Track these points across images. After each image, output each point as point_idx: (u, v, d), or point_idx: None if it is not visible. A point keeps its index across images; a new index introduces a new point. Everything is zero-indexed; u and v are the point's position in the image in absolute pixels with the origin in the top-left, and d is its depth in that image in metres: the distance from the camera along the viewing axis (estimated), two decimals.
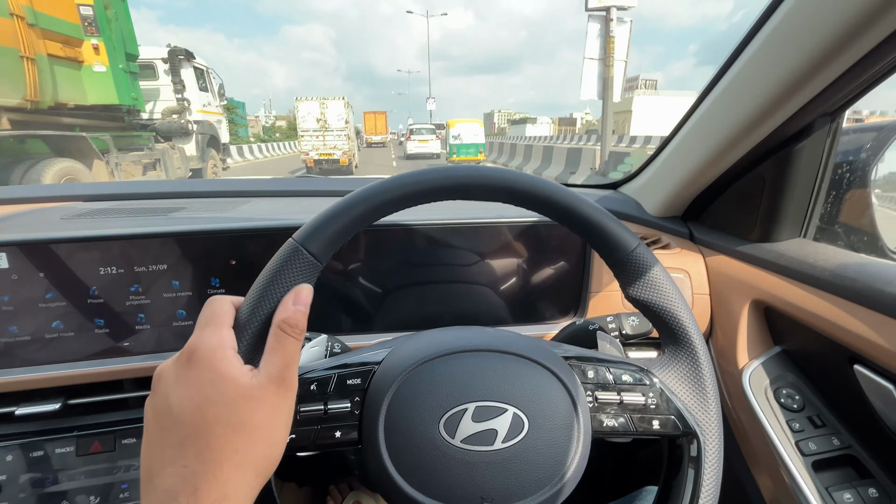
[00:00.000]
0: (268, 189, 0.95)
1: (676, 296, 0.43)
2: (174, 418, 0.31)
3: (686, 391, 0.44)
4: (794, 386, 0.64)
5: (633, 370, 0.44)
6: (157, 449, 0.31)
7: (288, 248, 0.38)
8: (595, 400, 0.43)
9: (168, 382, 0.33)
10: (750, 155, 0.67)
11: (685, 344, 0.44)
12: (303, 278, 0.38)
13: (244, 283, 0.67)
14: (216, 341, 0.34)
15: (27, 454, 0.63)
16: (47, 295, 0.62)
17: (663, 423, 0.42)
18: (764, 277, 0.67)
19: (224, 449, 0.30)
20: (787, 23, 0.54)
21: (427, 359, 0.41)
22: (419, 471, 0.37)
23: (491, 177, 0.41)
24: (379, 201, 0.40)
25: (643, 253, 0.42)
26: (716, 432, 0.43)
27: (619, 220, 0.42)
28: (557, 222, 0.43)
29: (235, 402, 0.31)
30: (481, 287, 0.78)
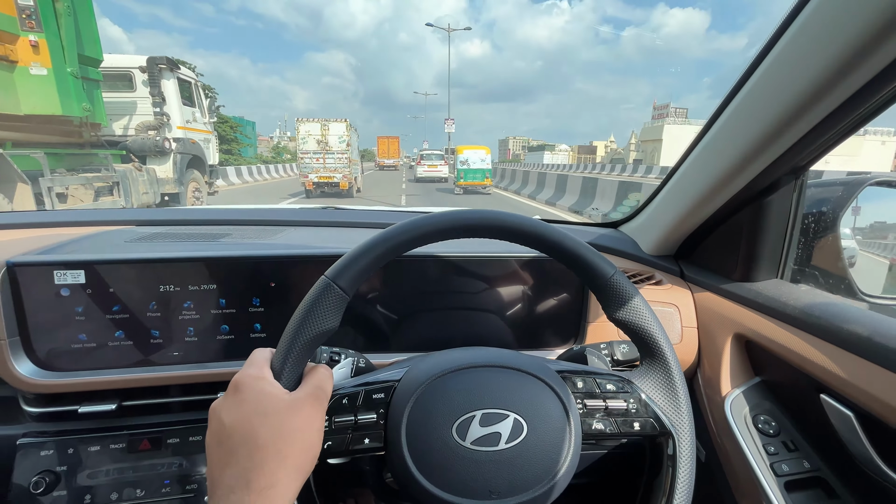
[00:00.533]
0: (301, 219, 1.06)
1: (650, 315, 0.51)
2: (227, 433, 0.39)
3: (661, 397, 0.51)
4: (770, 413, 0.70)
5: (616, 380, 0.52)
6: (216, 460, 0.39)
7: (321, 284, 0.46)
8: (584, 406, 0.51)
9: (220, 410, 0.41)
10: (731, 202, 0.76)
11: (659, 356, 0.52)
12: (333, 311, 0.46)
13: (281, 303, 0.77)
14: (256, 372, 0.43)
15: (85, 448, 0.71)
16: (114, 308, 0.72)
17: (643, 425, 0.50)
18: (744, 314, 0.74)
19: (269, 448, 0.38)
20: (757, 87, 0.62)
21: (440, 374, 0.50)
22: (437, 469, 0.45)
23: (491, 219, 0.50)
24: (398, 241, 0.48)
25: (619, 279, 0.50)
26: (687, 431, 0.50)
27: (598, 252, 0.51)
28: (548, 255, 0.51)
29: (277, 411, 0.39)
30: (489, 314, 0.86)
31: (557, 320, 0.88)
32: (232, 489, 0.36)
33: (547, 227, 0.50)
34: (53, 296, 0.69)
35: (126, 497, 0.70)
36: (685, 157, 0.84)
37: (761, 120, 0.61)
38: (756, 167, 0.67)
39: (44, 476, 0.68)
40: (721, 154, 0.71)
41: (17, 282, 0.68)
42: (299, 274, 0.77)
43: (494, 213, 0.50)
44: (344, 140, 14.97)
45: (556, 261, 0.52)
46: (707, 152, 0.76)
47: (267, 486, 0.36)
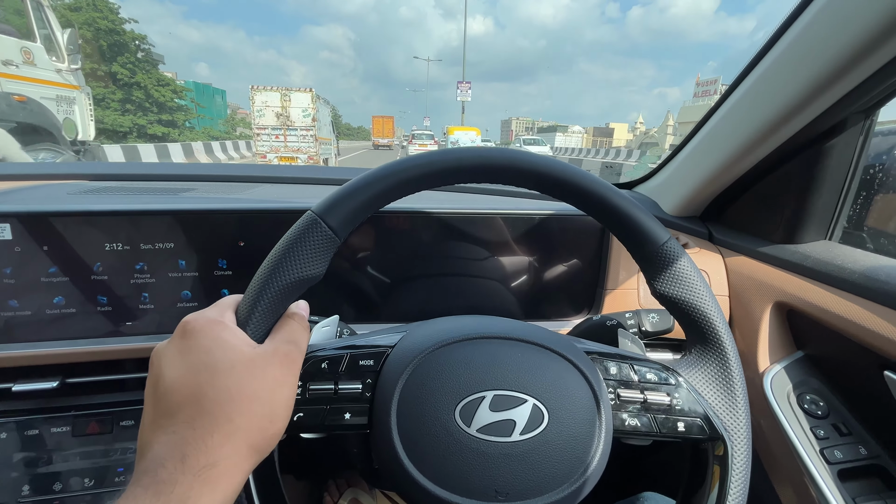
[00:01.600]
0: (278, 175, 0.94)
1: (707, 293, 0.41)
2: (167, 387, 0.30)
3: (714, 393, 0.42)
4: (818, 392, 0.61)
5: (658, 369, 0.43)
6: (149, 420, 0.30)
7: (306, 219, 0.36)
8: (617, 397, 0.41)
9: (162, 357, 0.32)
10: (777, 153, 0.65)
11: (714, 344, 0.42)
12: (319, 253, 0.36)
13: (252, 265, 0.65)
14: (215, 314, 0.34)
15: (22, 432, 0.61)
16: (50, 269, 0.60)
17: (689, 426, 0.40)
18: (788, 279, 0.65)
19: (216, 415, 0.29)
20: (822, 16, 0.52)
21: (443, 343, 0.39)
22: (431, 458, 0.35)
23: (520, 160, 0.39)
24: (403, 178, 0.38)
25: (673, 247, 0.40)
26: (744, 438, 0.41)
27: (650, 213, 0.41)
28: (585, 212, 0.41)
29: (232, 367, 0.30)
30: (492, 280, 0.76)
31: (570, 287, 0.78)
32: (162, 462, 0.27)
33: (592, 178, 0.40)
34: None
35: (72, 487, 0.61)
36: (716, 108, 0.73)
37: (832, 50, 0.50)
38: (820, 105, 0.56)
39: None
40: (770, 97, 0.61)
41: None
42: (274, 232, 0.65)
43: (526, 155, 0.40)
44: (308, 113, 12.69)
45: (596, 219, 0.42)
46: (750, 98, 0.65)
47: (207, 464, 0.27)
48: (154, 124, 21.42)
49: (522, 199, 0.86)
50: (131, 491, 0.26)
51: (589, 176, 0.40)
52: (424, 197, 0.78)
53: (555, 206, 0.76)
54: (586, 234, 0.76)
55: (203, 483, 0.27)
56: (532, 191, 0.42)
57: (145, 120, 21.17)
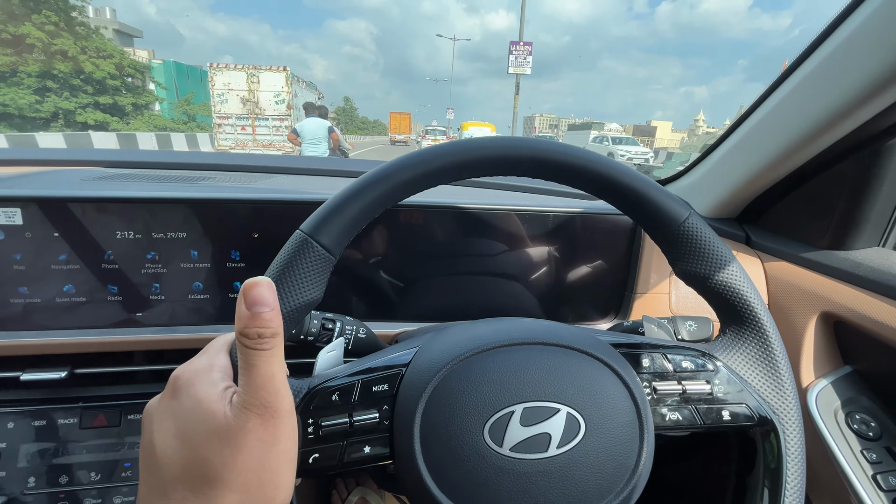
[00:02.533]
0: (296, 166, 0.91)
1: (738, 268, 0.38)
2: (157, 460, 0.26)
3: (757, 375, 0.39)
4: (868, 411, 0.57)
5: (693, 355, 0.39)
6: (144, 492, 0.27)
7: (297, 240, 0.34)
8: (654, 391, 0.38)
9: (153, 419, 0.28)
10: (829, 151, 0.61)
11: (751, 321, 0.39)
12: (314, 275, 0.34)
13: (265, 257, 0.63)
14: (203, 364, 0.29)
15: (29, 423, 0.59)
16: (60, 256, 0.59)
17: (734, 414, 0.37)
18: (836, 288, 0.60)
19: (211, 497, 0.25)
20: (889, 2, 0.48)
21: (461, 357, 0.36)
22: (465, 486, 0.32)
23: (520, 148, 0.36)
24: (395, 182, 0.35)
25: (696, 223, 0.37)
26: (796, 418, 0.38)
27: (667, 191, 0.37)
28: (595, 195, 0.38)
29: (211, 440, 0.26)
30: (512, 281, 0.72)
31: (595, 290, 0.74)
32: None
33: (600, 159, 0.37)
34: None
35: (79, 481, 0.59)
36: (757, 104, 0.68)
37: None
38: (884, 100, 0.51)
39: None
40: (825, 91, 0.56)
41: None
42: (289, 224, 0.63)
43: (524, 141, 0.37)
44: (283, 99, 9.96)
45: (610, 203, 0.39)
46: (801, 92, 0.60)
47: None
48: (88, 109, 15.63)
49: (546, 196, 0.82)
50: None
51: (597, 157, 0.37)
52: (443, 191, 0.74)
53: (581, 203, 0.72)
54: (614, 234, 0.72)
55: None
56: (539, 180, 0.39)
57: (74, 103, 15.27)
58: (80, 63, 15.13)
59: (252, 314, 0.27)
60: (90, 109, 15.77)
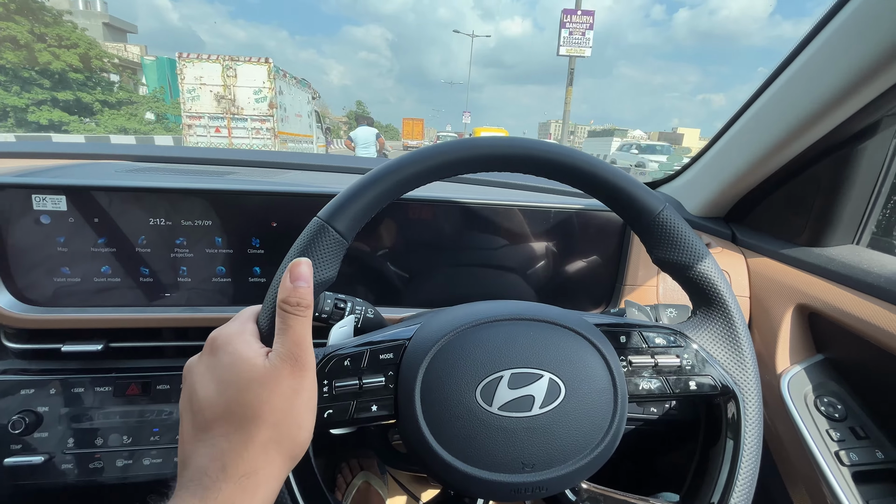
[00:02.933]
0: (312, 162, 0.97)
1: (706, 255, 0.43)
2: (200, 404, 0.32)
3: (721, 350, 0.43)
4: (836, 395, 0.61)
5: (666, 332, 0.44)
6: (188, 435, 0.32)
7: (314, 226, 0.38)
8: (629, 364, 0.43)
9: (194, 372, 0.34)
10: (805, 154, 0.65)
11: (717, 303, 0.44)
12: (329, 257, 0.38)
13: (283, 245, 0.69)
14: (236, 329, 0.35)
15: (68, 389, 0.65)
16: (99, 240, 0.65)
17: (700, 384, 0.42)
18: (812, 282, 0.64)
19: (248, 430, 0.30)
20: (856, 15, 0.52)
21: (458, 329, 0.41)
22: (459, 440, 0.37)
23: (510, 146, 0.41)
24: (403, 176, 0.40)
25: (669, 215, 0.42)
26: (755, 389, 0.42)
27: (644, 186, 0.42)
28: (580, 190, 0.43)
29: (251, 383, 0.31)
30: (510, 272, 0.77)
31: (588, 281, 0.79)
32: (205, 471, 0.29)
33: (586, 157, 0.42)
34: (32, 223, 0.62)
35: (112, 443, 0.65)
36: (744, 109, 0.73)
37: (865, 50, 0.50)
38: (852, 106, 0.56)
39: (24, 416, 0.63)
40: (800, 97, 0.60)
41: None
42: (304, 215, 0.68)
43: (517, 140, 0.42)
44: (264, 97, 8.59)
45: (592, 196, 0.43)
46: (780, 98, 0.64)
47: (246, 473, 0.30)
48: (43, 106, 13.27)
49: (543, 194, 0.88)
50: (180, 496, 0.28)
51: (579, 153, 0.42)
52: (446, 187, 0.80)
53: (576, 201, 0.77)
54: (607, 230, 0.77)
55: (243, 490, 0.29)
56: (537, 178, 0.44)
57: (25, 100, 12.95)
58: (34, 52, 12.77)
59: (294, 287, 0.34)
60: (46, 107, 13.30)
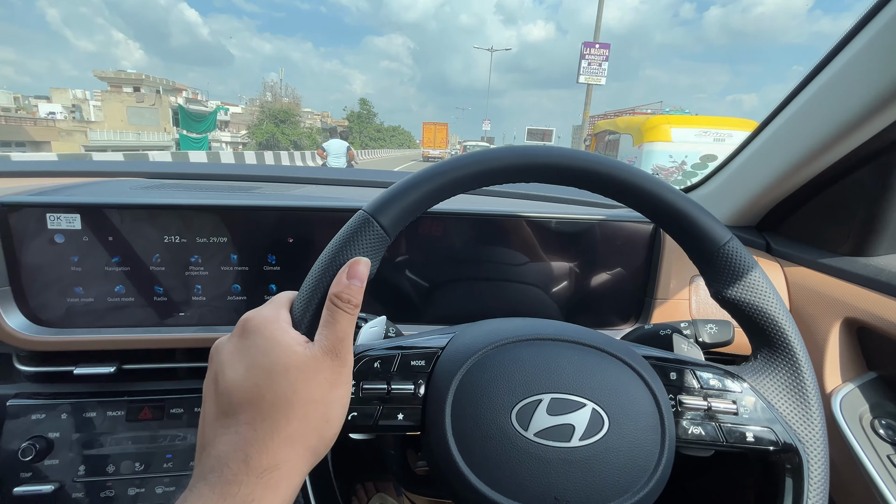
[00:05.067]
0: (325, 177, 0.96)
1: (773, 295, 0.39)
2: (227, 387, 0.30)
3: (784, 401, 0.39)
4: (894, 416, 0.56)
5: (722, 375, 0.40)
6: (210, 419, 0.31)
7: (358, 218, 0.36)
8: (679, 404, 0.39)
9: (222, 354, 0.33)
10: (847, 159, 0.62)
11: (783, 348, 0.40)
12: (370, 251, 0.36)
13: (300, 261, 0.67)
14: (271, 313, 0.34)
15: (80, 414, 0.63)
16: (113, 259, 0.63)
17: (758, 435, 0.38)
18: (859, 294, 0.60)
19: (276, 419, 0.29)
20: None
21: (497, 344, 0.38)
22: (488, 462, 0.34)
23: (569, 158, 0.38)
24: (452, 178, 0.38)
25: (736, 248, 0.39)
26: (821, 447, 0.38)
27: (710, 213, 0.39)
28: (638, 211, 0.40)
29: (287, 371, 0.30)
30: (533, 286, 0.74)
31: (616, 296, 0.75)
32: (227, 461, 0.27)
33: (645, 176, 0.39)
34: (47, 242, 0.61)
35: (124, 470, 0.63)
36: (776, 113, 0.70)
37: None
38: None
39: (34, 442, 0.61)
40: (843, 98, 0.57)
41: (9, 225, 0.60)
42: (321, 230, 0.67)
43: (574, 153, 0.39)
44: None
45: (651, 220, 0.40)
46: (819, 100, 0.61)
47: (269, 467, 0.28)
48: None
49: (566, 205, 0.85)
50: (198, 489, 0.27)
51: (642, 173, 0.39)
52: (467, 200, 0.78)
53: (600, 211, 0.74)
54: (634, 240, 0.74)
55: (265, 486, 0.27)
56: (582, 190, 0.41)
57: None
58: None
59: (349, 283, 0.33)
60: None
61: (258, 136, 29.15)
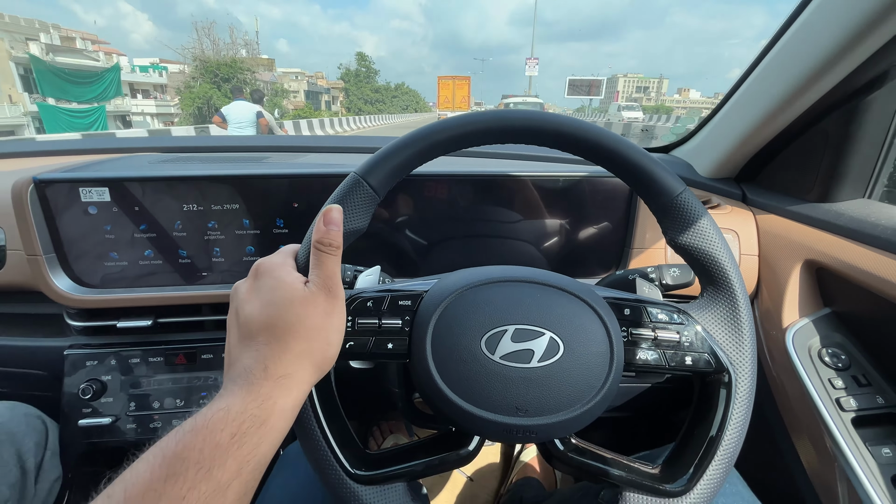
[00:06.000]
0: (327, 145, 1.01)
1: (718, 240, 0.44)
2: (246, 317, 0.37)
3: (722, 332, 0.45)
4: (840, 346, 0.63)
5: (671, 310, 0.46)
6: (235, 342, 0.38)
7: (350, 180, 0.42)
8: (629, 334, 0.45)
9: (241, 293, 0.40)
10: (813, 110, 0.65)
11: (724, 286, 0.45)
12: (361, 209, 0.42)
13: (304, 223, 0.74)
14: (279, 259, 0.41)
15: (126, 360, 0.74)
16: (141, 227, 0.71)
17: (696, 360, 0.44)
18: (820, 237, 0.65)
19: (286, 340, 0.36)
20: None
21: (471, 285, 0.45)
22: (462, 381, 0.42)
23: (539, 120, 0.43)
24: (432, 141, 0.43)
25: (688, 198, 0.43)
26: (749, 369, 0.44)
27: (665, 166, 0.44)
28: (602, 167, 0.45)
29: (292, 303, 0.37)
30: (523, 241, 0.81)
31: (598, 247, 0.81)
32: (251, 369, 0.35)
33: (610, 135, 0.43)
34: (82, 213, 0.69)
35: (167, 406, 0.73)
36: (752, 68, 0.72)
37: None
38: (857, 57, 0.55)
39: (91, 383, 0.71)
40: (805, 51, 0.60)
41: (47, 199, 0.68)
42: (321, 194, 0.73)
43: (544, 115, 0.44)
44: None
45: (614, 174, 0.45)
46: (785, 53, 0.64)
47: (283, 374, 0.35)
48: None
49: (550, 163, 0.89)
50: (230, 388, 0.34)
51: (605, 132, 0.43)
52: (455, 161, 0.83)
53: (582, 168, 0.79)
54: (615, 195, 0.79)
55: (280, 387, 0.35)
56: (554, 150, 0.45)
57: None
58: None
59: (327, 230, 0.39)
60: None
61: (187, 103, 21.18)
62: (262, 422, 0.33)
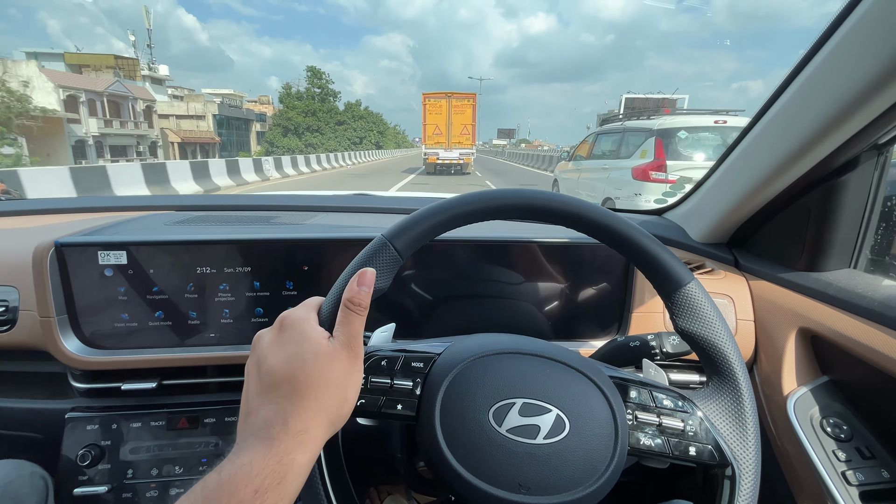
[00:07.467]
0: (334, 205, 1.06)
1: (725, 333, 0.46)
2: (269, 368, 0.38)
3: (726, 424, 0.45)
4: (841, 416, 0.63)
5: (675, 397, 0.47)
6: (254, 393, 0.39)
7: (378, 242, 0.45)
8: (635, 419, 0.45)
9: (264, 343, 0.41)
10: (797, 184, 0.69)
11: (729, 379, 0.46)
12: (385, 270, 0.44)
13: (313, 286, 0.77)
14: (303, 313, 0.42)
15: (127, 424, 0.73)
16: (153, 288, 0.73)
17: (700, 451, 0.44)
18: (812, 306, 0.68)
19: (307, 394, 0.37)
20: (834, 56, 0.57)
21: (483, 354, 0.46)
22: (467, 450, 0.42)
23: (559, 202, 0.46)
24: (456, 213, 0.46)
25: (695, 289, 0.45)
26: (752, 467, 0.44)
27: (674, 255, 0.46)
28: (616, 250, 0.47)
29: (316, 358, 0.38)
30: (525, 303, 0.83)
31: (598, 309, 0.83)
32: (270, 423, 0.35)
33: (623, 221, 0.46)
34: (98, 276, 0.71)
35: (165, 473, 0.72)
36: (742, 136, 0.78)
37: (843, 88, 0.55)
38: (832, 142, 0.60)
39: (89, 449, 0.70)
40: (788, 130, 0.65)
41: (65, 261, 0.70)
42: (332, 258, 0.76)
43: (564, 198, 0.47)
44: None
45: (625, 258, 0.48)
46: (771, 129, 0.69)
47: (302, 430, 0.35)
48: None
49: (553, 229, 0.93)
50: (249, 442, 0.34)
51: (619, 218, 0.46)
52: (466, 227, 0.86)
53: (583, 235, 0.82)
54: (615, 260, 0.82)
55: (299, 443, 0.35)
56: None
57: None
58: None
59: (359, 290, 0.41)
60: None
61: None
62: (282, 478, 0.33)
